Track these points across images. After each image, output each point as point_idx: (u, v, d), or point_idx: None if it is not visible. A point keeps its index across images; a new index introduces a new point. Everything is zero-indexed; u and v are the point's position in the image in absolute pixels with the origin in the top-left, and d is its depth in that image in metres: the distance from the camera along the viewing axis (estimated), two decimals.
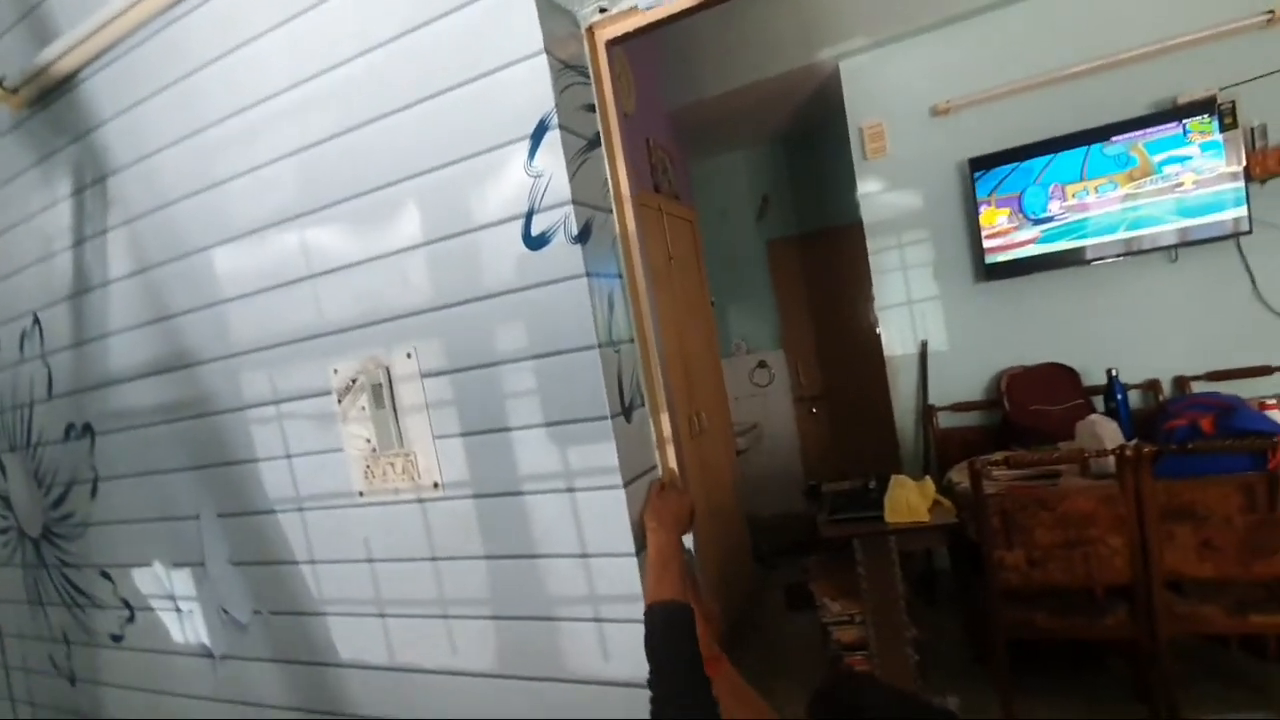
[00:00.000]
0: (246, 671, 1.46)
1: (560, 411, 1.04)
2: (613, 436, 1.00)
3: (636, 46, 3.29)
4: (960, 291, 3.18)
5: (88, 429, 1.60)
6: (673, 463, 1.14)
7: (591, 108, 1.09)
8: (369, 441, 1.12)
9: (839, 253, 4.31)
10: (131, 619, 1.64)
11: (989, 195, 2.99)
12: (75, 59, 1.36)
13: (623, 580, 1.02)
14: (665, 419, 1.14)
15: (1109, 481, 2.10)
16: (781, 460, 4.66)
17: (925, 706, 0.74)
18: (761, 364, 4.65)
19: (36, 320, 1.63)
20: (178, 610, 1.55)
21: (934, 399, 3.24)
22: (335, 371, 1.21)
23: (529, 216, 1.01)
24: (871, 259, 3.32)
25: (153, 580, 1.57)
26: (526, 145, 1.00)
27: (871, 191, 3.30)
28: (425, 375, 1.14)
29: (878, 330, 3.40)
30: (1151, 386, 2.93)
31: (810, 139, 4.37)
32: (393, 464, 1.18)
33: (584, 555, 1.05)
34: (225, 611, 1.47)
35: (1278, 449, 1.90)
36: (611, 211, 1.11)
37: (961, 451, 3.10)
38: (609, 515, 1.02)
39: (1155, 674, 2.10)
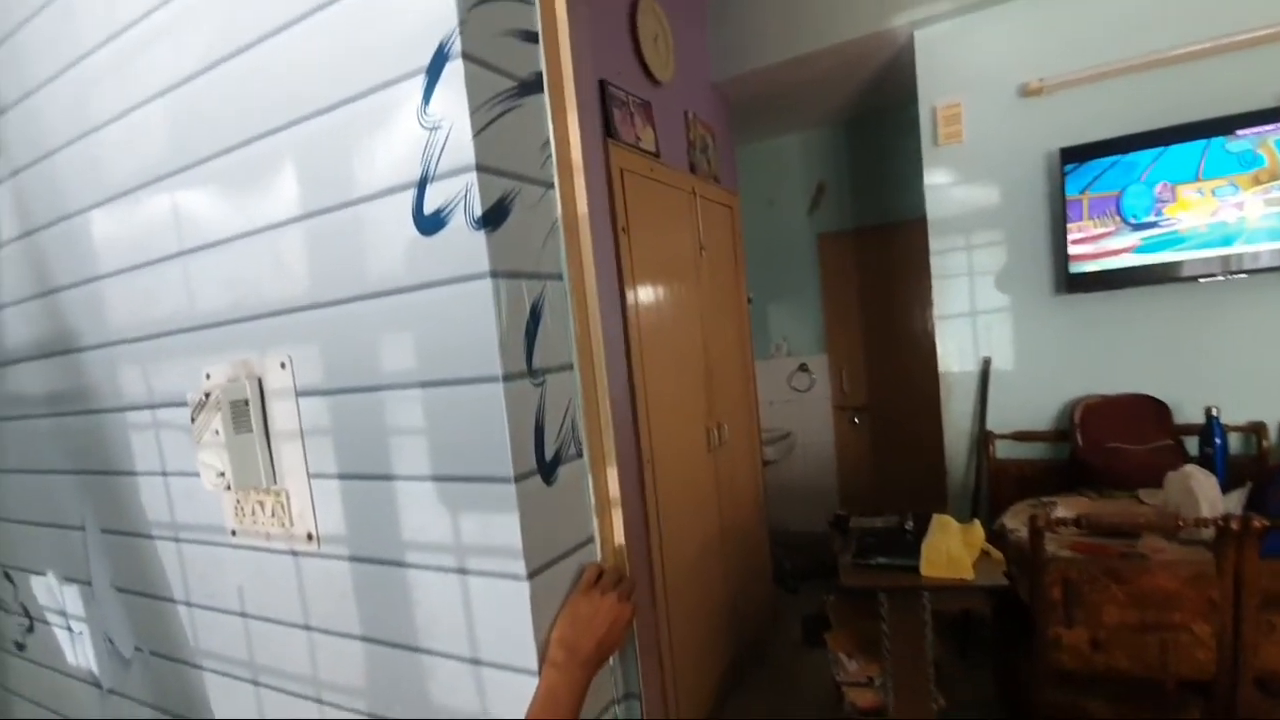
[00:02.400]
0: (131, 713, 1.24)
1: (451, 462, 0.74)
2: (516, 506, 0.70)
3: (680, 7, 2.94)
4: (1035, 304, 2.74)
5: None
6: (620, 536, 0.84)
7: (531, 36, 0.78)
8: (222, 475, 0.86)
9: (897, 252, 3.88)
10: (31, 629, 1.45)
11: (1081, 192, 2.54)
12: None
13: (522, 705, 0.73)
14: (613, 474, 0.84)
15: (1200, 550, 1.71)
16: (815, 474, 4.29)
17: None
18: (802, 367, 4.27)
19: None
20: (70, 630, 1.34)
21: (992, 425, 2.82)
22: (207, 376, 0.95)
23: (421, 186, 0.72)
24: (933, 260, 2.90)
25: (46, 591, 1.37)
26: (421, 82, 0.70)
27: (940, 183, 2.88)
28: (301, 393, 0.86)
29: (934, 341, 2.99)
30: (1255, 430, 2.45)
31: (875, 122, 3.93)
32: (262, 503, 0.92)
33: (475, 661, 0.76)
34: (110, 641, 1.25)
35: None
36: (553, 185, 0.80)
37: (1018, 489, 2.70)
38: (506, 614, 0.73)
39: None
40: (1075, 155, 2.54)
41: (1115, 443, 2.57)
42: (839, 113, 3.89)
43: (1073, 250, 2.57)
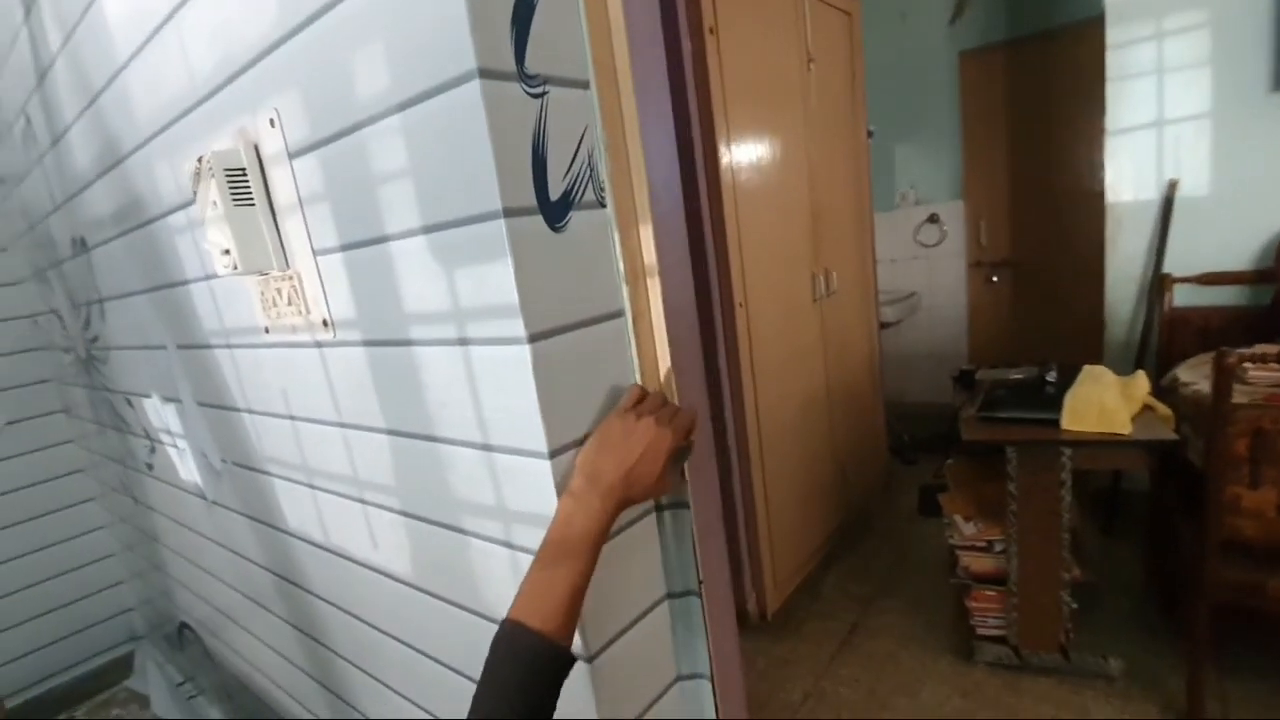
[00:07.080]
0: (229, 521, 1.31)
1: (436, 204, 0.60)
2: (507, 249, 0.55)
3: None
4: (1245, 107, 2.14)
5: (84, 243, 1.45)
6: (660, 325, 0.67)
7: None
8: (228, 254, 0.77)
9: (1060, 68, 3.20)
10: (153, 450, 1.56)
11: None
12: None
13: (538, 494, 0.61)
14: (648, 234, 0.66)
15: None
16: (943, 339, 3.89)
17: None
18: (932, 218, 3.78)
19: (28, 119, 1.45)
20: (177, 447, 1.42)
21: (1172, 266, 2.33)
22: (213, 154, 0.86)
23: None
24: (1109, 57, 2.32)
25: (154, 412, 1.45)
26: None
27: None
28: (294, 154, 0.74)
29: (1102, 171, 2.45)
30: None
31: None
32: (280, 290, 0.84)
33: (486, 447, 0.65)
34: (204, 455, 1.30)
35: None
36: None
37: (1198, 343, 2.25)
38: (508, 387, 0.60)
39: None
40: None
41: None
42: None
43: None
